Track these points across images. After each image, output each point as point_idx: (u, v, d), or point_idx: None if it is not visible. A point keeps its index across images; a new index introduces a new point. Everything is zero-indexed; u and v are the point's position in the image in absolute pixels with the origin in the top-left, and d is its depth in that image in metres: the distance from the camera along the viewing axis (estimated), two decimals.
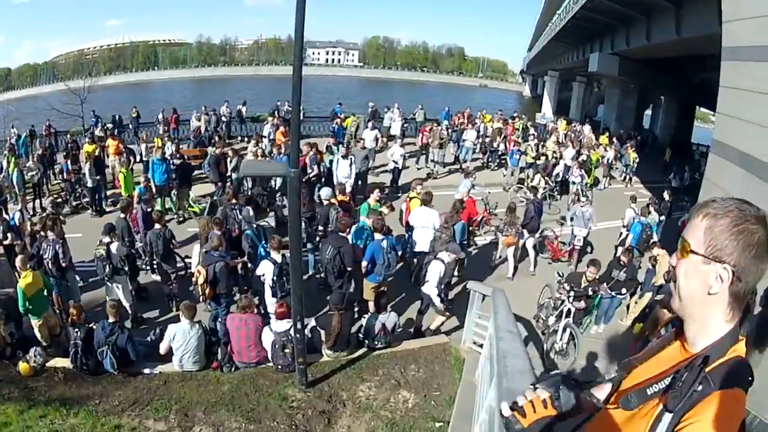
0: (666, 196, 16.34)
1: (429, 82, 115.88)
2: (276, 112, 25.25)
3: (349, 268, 9.70)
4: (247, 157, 17.48)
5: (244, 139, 24.33)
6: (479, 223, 14.90)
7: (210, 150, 17.55)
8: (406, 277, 11.66)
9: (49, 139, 22.51)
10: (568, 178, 19.68)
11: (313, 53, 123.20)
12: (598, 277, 9.94)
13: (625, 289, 10.58)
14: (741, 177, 9.55)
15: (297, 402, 7.45)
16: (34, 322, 8.80)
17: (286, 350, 7.87)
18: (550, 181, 19.54)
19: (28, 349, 8.20)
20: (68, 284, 10.22)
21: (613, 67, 35.06)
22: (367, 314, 9.26)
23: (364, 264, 9.70)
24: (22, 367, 7.92)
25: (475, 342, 8.86)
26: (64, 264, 9.95)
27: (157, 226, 10.50)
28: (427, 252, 10.75)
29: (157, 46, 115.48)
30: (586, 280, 9.78)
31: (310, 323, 8.52)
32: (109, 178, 17.43)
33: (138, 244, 11.62)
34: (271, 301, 9.16)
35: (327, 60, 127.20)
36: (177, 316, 8.73)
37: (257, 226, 11.25)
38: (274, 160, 15.79)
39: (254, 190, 13.29)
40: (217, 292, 9.14)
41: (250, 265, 10.45)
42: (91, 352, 7.85)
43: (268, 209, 14.91)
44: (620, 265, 10.51)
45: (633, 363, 1.69)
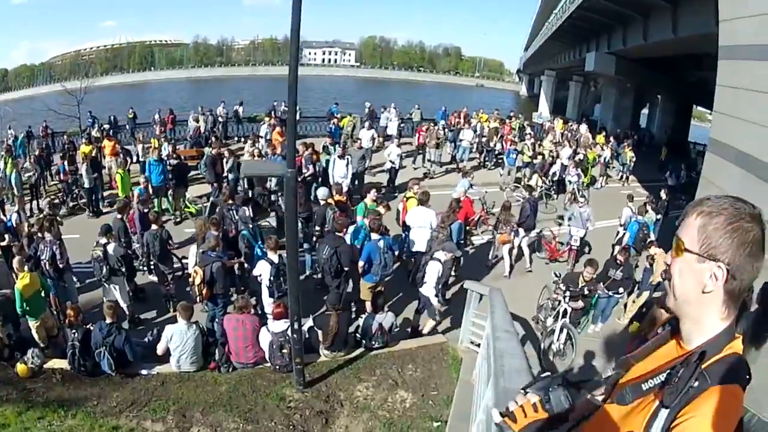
0: (663, 194, 16.29)
1: (426, 81, 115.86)
2: (273, 113, 25.21)
3: (346, 268, 9.69)
4: (244, 158, 17.48)
5: (241, 140, 24.32)
6: (476, 223, 14.92)
7: (206, 150, 17.54)
8: (404, 277, 11.68)
9: (46, 140, 22.47)
10: (564, 177, 19.69)
11: (310, 53, 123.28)
12: (595, 277, 9.90)
13: (622, 289, 10.59)
14: (738, 175, 9.59)
15: (294, 402, 7.46)
16: (32, 324, 8.80)
17: (284, 350, 7.88)
18: (547, 181, 19.53)
19: (26, 351, 8.19)
20: (65, 285, 10.20)
21: (610, 66, 35.10)
22: (364, 314, 9.27)
23: (361, 264, 9.69)
24: (20, 369, 7.91)
25: (473, 341, 8.86)
26: (62, 265, 9.93)
27: (153, 227, 10.47)
28: (425, 252, 10.76)
29: (154, 47, 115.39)
30: (584, 280, 9.72)
31: (308, 323, 8.53)
32: (106, 179, 17.41)
33: (135, 244, 11.61)
34: (268, 302, 9.14)
35: (324, 60, 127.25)
36: (174, 317, 8.74)
37: (253, 226, 11.25)
38: (269, 161, 15.79)
39: (255, 190, 13.28)
40: (214, 293, 9.13)
41: (247, 266, 10.46)
42: (88, 353, 7.85)
43: (269, 209, 14.92)
44: (617, 264, 10.50)
45: (629, 361, 1.69)
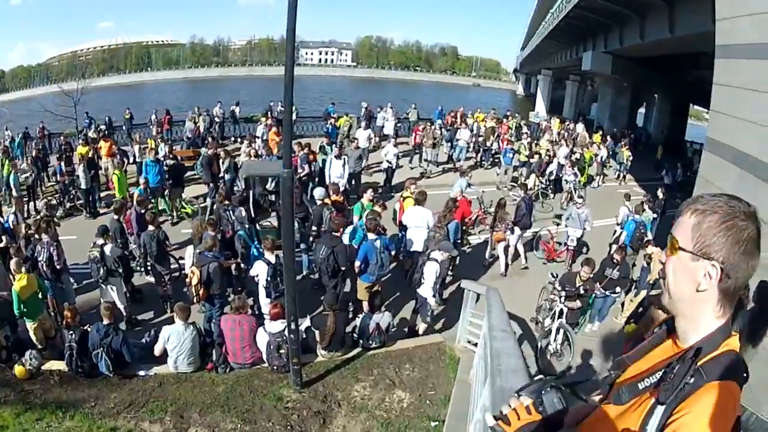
0: (660, 194, 16.32)
1: (422, 81, 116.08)
2: (269, 113, 25.19)
3: (343, 268, 9.70)
4: (241, 158, 17.47)
5: (238, 140, 24.33)
6: (474, 222, 14.90)
7: (203, 151, 17.51)
8: (401, 277, 11.67)
9: (43, 142, 22.40)
10: (561, 176, 19.70)
11: (306, 53, 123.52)
12: (592, 276, 9.86)
13: (619, 288, 10.55)
14: (735, 174, 9.58)
15: (292, 402, 7.47)
16: (29, 325, 8.80)
17: (281, 351, 7.88)
18: (544, 180, 19.55)
19: (24, 353, 8.19)
20: (63, 286, 10.19)
21: (607, 65, 35.11)
22: (361, 314, 9.28)
23: (357, 264, 9.70)
24: (18, 371, 7.91)
25: (470, 341, 8.87)
26: (59, 266, 9.92)
27: (150, 228, 10.47)
28: (421, 252, 10.76)
29: (150, 47, 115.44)
30: (580, 280, 9.67)
31: (305, 323, 8.53)
32: (103, 180, 17.38)
33: (132, 245, 11.60)
34: (265, 302, 9.15)
35: (320, 60, 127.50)
36: (171, 318, 8.74)
37: (250, 227, 11.23)
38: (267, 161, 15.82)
39: (256, 190, 13.27)
40: (211, 293, 9.13)
41: (244, 266, 10.46)
42: (86, 355, 7.85)
43: (270, 209, 14.91)
44: (613, 264, 10.48)
45: (625, 361, 1.69)
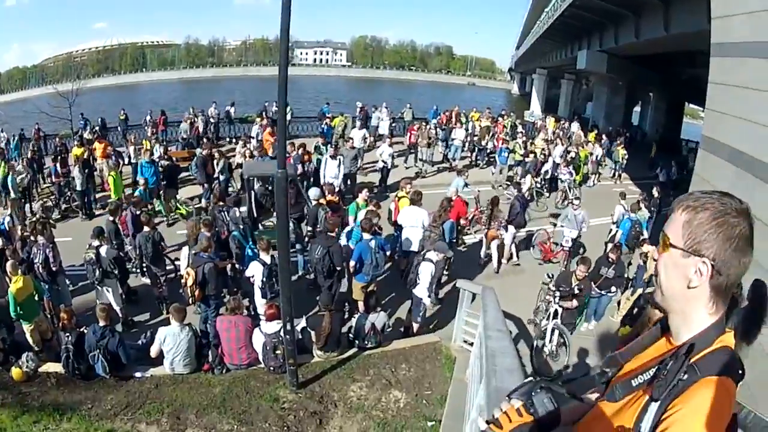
0: (655, 192, 16.31)
1: (417, 81, 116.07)
2: (264, 113, 25.11)
3: (338, 268, 9.71)
4: (236, 159, 17.48)
5: (233, 141, 24.34)
6: (470, 222, 14.91)
7: (198, 152, 17.48)
8: (396, 277, 11.68)
9: (38, 143, 22.32)
10: (557, 175, 19.75)
11: (301, 53, 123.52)
12: (587, 275, 9.82)
13: (614, 287, 10.57)
14: (731, 172, 9.60)
15: (288, 403, 7.48)
16: (26, 327, 8.79)
17: (277, 351, 7.89)
18: (539, 180, 19.59)
19: (20, 355, 8.19)
20: (59, 288, 10.15)
21: (602, 64, 35.16)
22: (357, 314, 9.30)
23: (352, 263, 9.72)
24: (15, 373, 7.91)
25: (466, 340, 8.91)
26: (55, 268, 9.89)
27: (146, 229, 10.45)
28: (417, 252, 10.77)
29: (145, 48, 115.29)
30: (576, 279, 9.65)
31: (301, 324, 8.55)
32: (98, 181, 17.34)
33: (128, 246, 11.58)
34: (261, 303, 9.15)
35: (315, 60, 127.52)
36: (167, 319, 8.71)
37: (244, 227, 11.21)
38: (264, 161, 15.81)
39: (258, 190, 13.27)
40: (207, 294, 9.11)
41: (239, 266, 10.46)
42: (82, 357, 7.84)
43: (271, 209, 14.87)
44: (609, 263, 10.44)
45: (617, 358, 1.69)
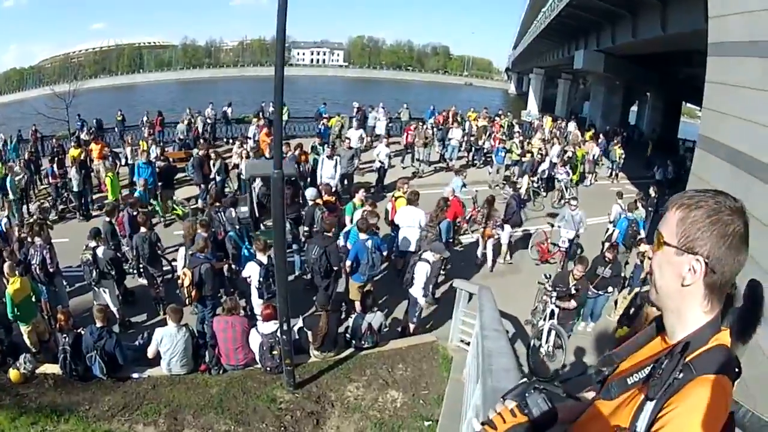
0: (652, 192, 16.27)
1: (414, 81, 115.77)
2: (261, 114, 25.11)
3: (335, 268, 9.72)
4: (232, 159, 17.48)
5: (230, 141, 24.33)
6: (468, 222, 14.90)
7: (194, 152, 17.46)
8: (393, 277, 11.70)
9: (36, 144, 22.32)
10: (553, 175, 19.74)
11: (298, 53, 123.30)
12: (584, 274, 9.76)
13: (611, 287, 10.56)
14: (728, 172, 9.58)
15: (285, 403, 7.48)
16: (23, 329, 8.81)
17: (274, 352, 7.89)
18: (536, 179, 19.59)
19: (18, 356, 8.18)
20: (56, 290, 10.15)
21: (599, 63, 35.10)
22: (353, 314, 9.29)
23: (348, 263, 9.74)
24: (13, 375, 7.90)
25: (463, 340, 8.91)
26: (52, 269, 9.89)
27: (142, 230, 10.45)
28: (414, 251, 10.78)
29: (142, 49, 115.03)
30: (573, 279, 9.58)
31: (297, 324, 8.54)
32: (95, 182, 17.31)
33: (125, 247, 11.57)
34: (257, 303, 9.14)
35: (312, 60, 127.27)
36: (164, 320, 8.72)
37: (240, 228, 11.20)
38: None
39: (259, 190, 13.27)
40: (203, 295, 9.12)
41: (235, 267, 10.46)
42: (80, 358, 7.84)
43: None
44: (605, 262, 10.42)
45: (612, 358, 1.70)
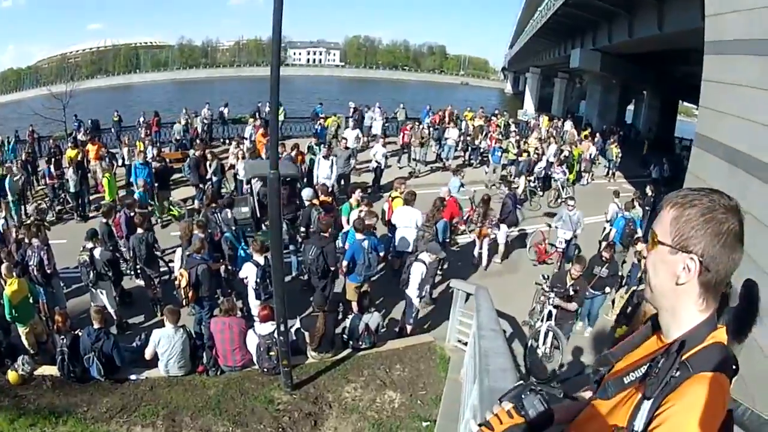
0: (648, 190, 16.29)
1: (411, 80, 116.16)
2: (257, 114, 25.05)
3: (332, 268, 9.73)
4: (229, 160, 17.46)
5: (226, 142, 24.26)
6: (466, 222, 14.89)
7: (191, 153, 17.44)
8: (390, 277, 11.68)
9: (33, 145, 22.26)
10: (550, 174, 19.74)
11: (294, 53, 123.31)
12: (582, 274, 9.62)
13: (608, 288, 10.49)
14: (725, 170, 9.58)
15: (283, 405, 7.48)
16: (21, 330, 8.79)
17: (271, 353, 7.89)
18: (532, 179, 19.57)
19: (16, 358, 8.18)
20: (53, 291, 10.11)
21: (595, 62, 35.16)
22: (350, 315, 9.29)
23: (345, 263, 9.73)
24: (11, 376, 7.89)
25: (460, 340, 8.91)
26: (49, 271, 9.85)
27: (139, 231, 10.42)
28: (411, 252, 10.78)
29: (139, 49, 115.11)
30: (571, 278, 9.45)
31: (295, 325, 8.54)
32: (92, 183, 17.27)
33: (122, 248, 11.52)
34: (254, 304, 9.11)
35: (308, 60, 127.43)
36: (161, 321, 8.70)
37: (236, 228, 11.19)
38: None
39: (260, 190, 13.27)
40: (200, 295, 9.12)
41: (231, 268, 10.46)
42: (77, 359, 7.83)
43: None
44: (602, 262, 10.37)
45: (608, 357, 1.70)
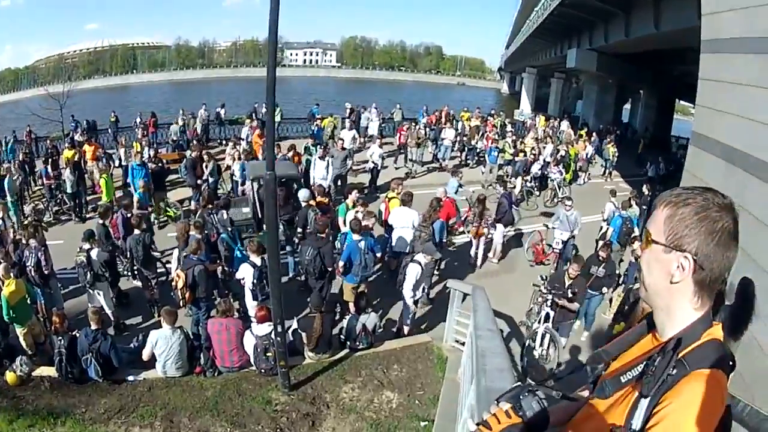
0: (645, 189, 16.27)
1: (407, 81, 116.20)
2: (254, 115, 24.99)
3: (329, 269, 9.74)
4: (225, 161, 17.47)
5: (223, 142, 24.17)
6: (464, 222, 14.87)
7: (187, 154, 17.42)
8: (387, 278, 11.70)
9: (30, 146, 22.19)
10: (547, 174, 19.76)
11: (291, 54, 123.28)
12: (580, 273, 9.58)
13: (605, 287, 10.44)
14: (722, 168, 9.58)
15: (281, 405, 7.49)
16: (19, 331, 8.78)
17: (269, 354, 7.89)
18: (529, 179, 19.58)
19: (14, 359, 8.18)
20: (51, 292, 10.11)
21: (592, 62, 35.14)
22: (348, 315, 9.29)
23: (341, 264, 9.72)
24: (9, 377, 7.90)
25: (457, 340, 8.93)
26: (47, 271, 9.85)
27: (136, 232, 10.40)
28: (407, 252, 10.80)
29: (136, 49, 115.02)
30: (569, 278, 9.44)
31: (292, 326, 8.54)
32: (89, 184, 17.23)
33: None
34: (252, 305, 9.12)
35: (305, 60, 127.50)
36: (159, 322, 8.67)
37: (232, 229, 11.18)
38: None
39: (261, 191, 13.27)
40: (197, 296, 9.11)
41: (228, 269, 10.45)
42: (75, 360, 7.83)
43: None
44: (599, 261, 10.33)
45: (602, 356, 1.70)
